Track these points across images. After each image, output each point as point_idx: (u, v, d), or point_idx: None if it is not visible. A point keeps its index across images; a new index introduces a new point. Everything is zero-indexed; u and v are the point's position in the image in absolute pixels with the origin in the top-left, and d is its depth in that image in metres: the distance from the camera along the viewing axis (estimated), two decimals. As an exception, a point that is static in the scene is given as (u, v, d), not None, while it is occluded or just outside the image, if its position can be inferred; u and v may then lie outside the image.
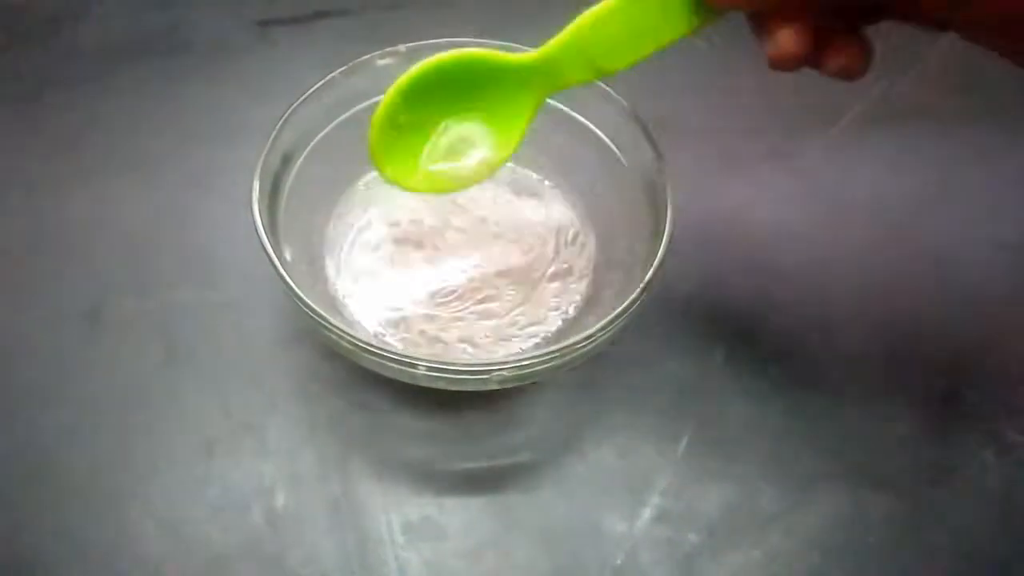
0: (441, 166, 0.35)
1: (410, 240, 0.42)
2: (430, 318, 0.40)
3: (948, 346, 0.43)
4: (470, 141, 0.35)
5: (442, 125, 0.35)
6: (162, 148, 0.49)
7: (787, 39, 0.29)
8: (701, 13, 0.30)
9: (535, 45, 0.40)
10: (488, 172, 0.36)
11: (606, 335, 0.33)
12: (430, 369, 0.33)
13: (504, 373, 0.33)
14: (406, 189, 0.35)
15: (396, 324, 0.40)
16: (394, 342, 0.39)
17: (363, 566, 0.36)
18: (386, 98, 0.34)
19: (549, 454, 0.39)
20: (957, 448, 0.40)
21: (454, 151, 0.35)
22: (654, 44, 0.31)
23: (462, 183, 0.36)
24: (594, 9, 0.31)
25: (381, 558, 0.36)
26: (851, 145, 0.50)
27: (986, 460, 0.40)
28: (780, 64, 0.30)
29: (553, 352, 0.33)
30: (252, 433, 0.39)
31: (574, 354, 0.33)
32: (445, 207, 0.43)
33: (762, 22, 0.30)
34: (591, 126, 0.41)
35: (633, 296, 0.33)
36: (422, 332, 0.40)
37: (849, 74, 0.30)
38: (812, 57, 0.30)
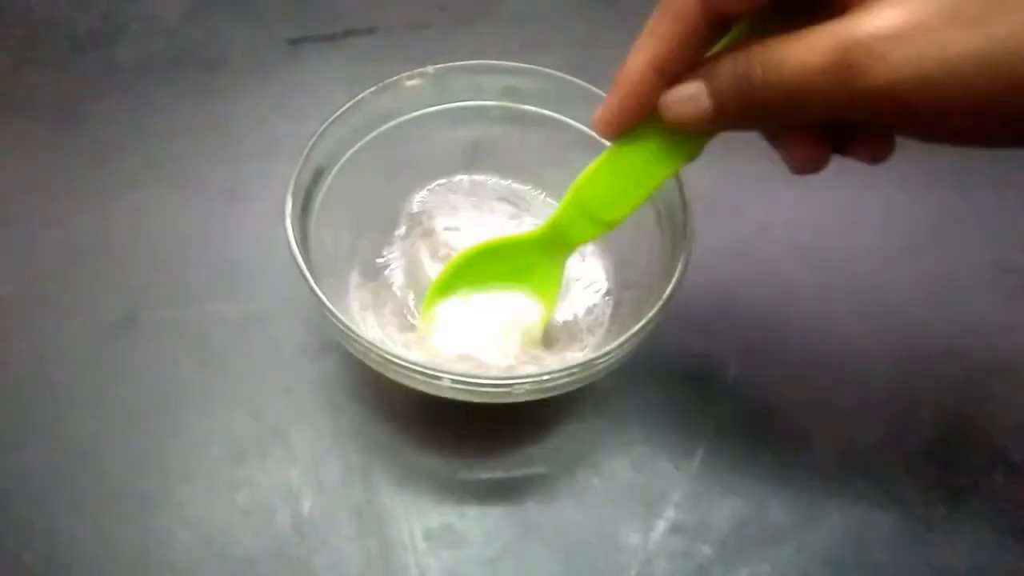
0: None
1: (436, 254, 0.44)
2: (452, 331, 0.41)
3: (958, 367, 0.44)
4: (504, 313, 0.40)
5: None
6: (196, 162, 0.51)
7: (801, 152, 0.30)
8: (685, 147, 0.32)
9: (560, 64, 0.42)
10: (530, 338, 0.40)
11: (625, 351, 0.35)
12: (454, 382, 0.34)
13: (526, 387, 0.34)
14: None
15: (419, 337, 0.41)
16: (418, 354, 0.40)
17: (385, 571, 0.37)
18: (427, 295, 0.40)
19: (566, 466, 0.40)
20: (965, 468, 0.41)
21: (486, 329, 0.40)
22: (647, 187, 0.33)
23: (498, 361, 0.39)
24: (584, 172, 0.34)
25: (403, 564, 0.37)
26: (864, 169, 0.51)
27: (994, 480, 0.41)
28: (802, 173, 0.31)
29: (574, 368, 0.34)
30: (280, 440, 0.40)
31: (594, 370, 0.35)
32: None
33: (774, 134, 0.31)
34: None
35: (652, 313, 0.34)
36: (445, 343, 0.41)
37: (875, 162, 0.31)
38: (836, 150, 0.30)
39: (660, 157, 0.32)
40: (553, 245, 0.38)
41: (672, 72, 0.30)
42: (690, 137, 0.32)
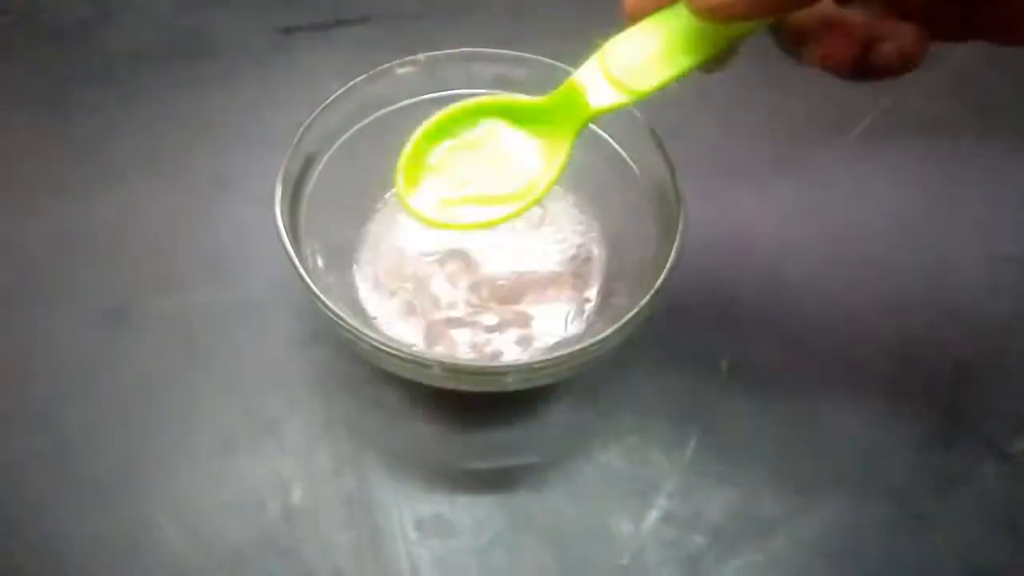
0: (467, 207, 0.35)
1: (426, 243, 0.43)
2: (445, 321, 0.41)
3: (951, 357, 0.44)
4: (501, 173, 0.35)
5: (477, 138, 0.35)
6: (187, 151, 0.50)
7: (833, 41, 0.28)
8: (724, 35, 0.30)
9: (552, 55, 0.42)
10: (521, 210, 0.34)
11: (616, 340, 0.34)
12: (444, 369, 0.34)
13: (517, 375, 0.34)
14: (428, 223, 0.35)
15: (411, 325, 0.41)
16: (410, 342, 0.40)
17: (376, 561, 0.37)
18: (414, 136, 0.35)
19: (558, 456, 0.40)
20: (959, 458, 0.41)
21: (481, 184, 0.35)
22: (679, 67, 0.30)
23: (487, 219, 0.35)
24: (620, 34, 0.31)
25: (393, 553, 0.37)
26: (859, 157, 0.51)
27: (987, 470, 0.40)
28: (828, 68, 0.29)
29: (565, 356, 0.33)
30: (270, 430, 0.40)
31: (585, 358, 0.34)
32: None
33: (800, 30, 0.29)
34: (604, 135, 0.42)
35: (644, 302, 0.34)
36: (439, 334, 0.41)
37: (907, 60, 0.28)
38: (863, 55, 0.28)
39: (695, 38, 0.29)
40: (566, 113, 0.33)
41: None
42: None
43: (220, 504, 0.38)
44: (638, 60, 0.31)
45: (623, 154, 0.41)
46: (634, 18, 0.31)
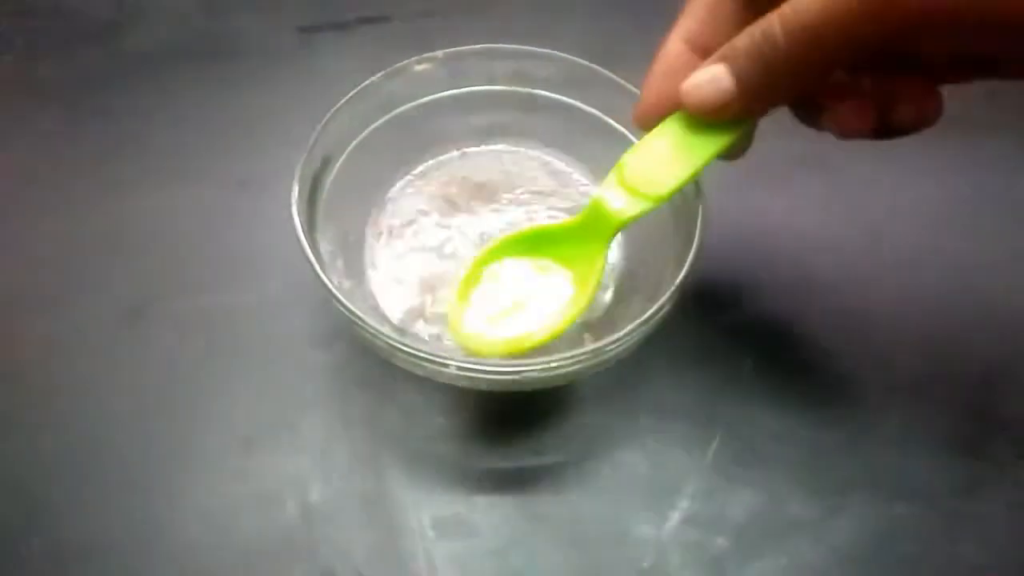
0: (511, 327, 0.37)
1: (443, 239, 0.43)
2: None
3: (982, 358, 0.43)
4: (540, 297, 0.38)
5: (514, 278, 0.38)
6: (206, 151, 0.50)
7: (848, 113, 0.29)
8: (732, 126, 0.31)
9: (572, 50, 0.41)
10: (563, 326, 0.36)
11: (635, 338, 0.34)
12: (461, 369, 0.33)
13: (534, 374, 0.34)
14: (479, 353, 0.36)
15: (429, 323, 0.40)
16: (431, 339, 0.40)
17: (393, 560, 0.37)
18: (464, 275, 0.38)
19: (578, 456, 0.40)
20: (989, 461, 0.40)
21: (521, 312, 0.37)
22: (693, 166, 0.32)
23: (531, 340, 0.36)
24: (629, 149, 0.34)
25: (411, 552, 0.37)
26: (887, 154, 0.50)
27: (1018, 473, 0.39)
28: (849, 135, 0.30)
29: (582, 354, 0.33)
30: (288, 429, 0.40)
31: (603, 357, 0.34)
32: (482, 212, 0.44)
33: (814, 103, 0.30)
34: (625, 131, 0.42)
35: (662, 300, 0.34)
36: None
37: (923, 122, 0.30)
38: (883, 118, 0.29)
39: (705, 135, 0.31)
40: (595, 229, 0.36)
41: (705, 48, 0.29)
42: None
43: (239, 502, 0.38)
44: (654, 168, 0.33)
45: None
46: (646, 127, 0.33)
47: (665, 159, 0.32)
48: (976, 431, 0.41)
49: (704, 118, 0.30)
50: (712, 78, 0.28)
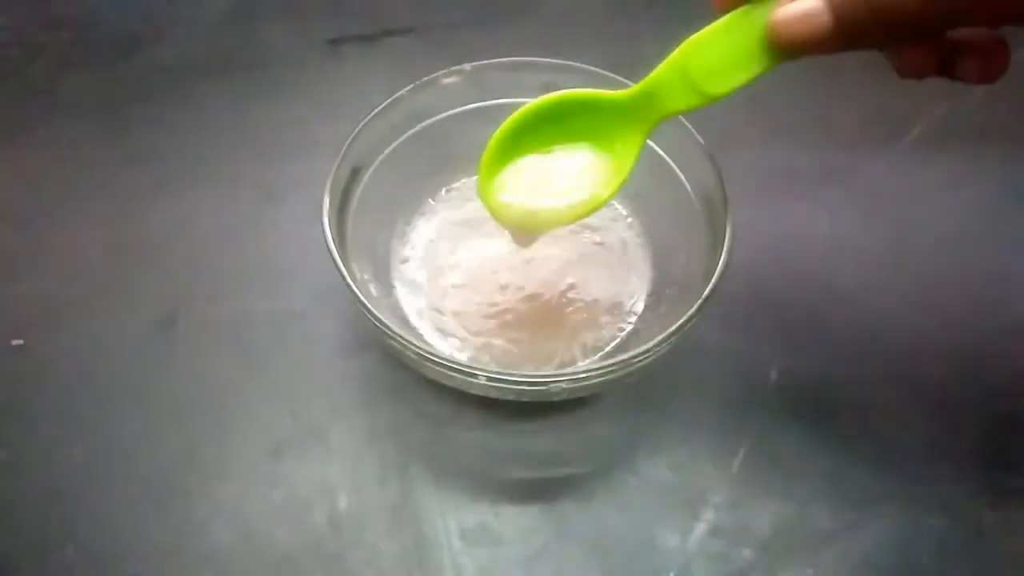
0: (540, 202, 0.35)
1: (473, 252, 0.43)
2: (490, 330, 0.41)
3: (1009, 368, 0.43)
4: (572, 175, 0.35)
5: (551, 151, 0.36)
6: (236, 162, 0.51)
7: (913, 58, 0.28)
8: None
9: (599, 63, 0.42)
10: (591, 206, 0.35)
11: (663, 349, 0.34)
12: (490, 379, 0.34)
13: (562, 385, 0.34)
14: (504, 221, 0.36)
15: (458, 334, 0.41)
16: (456, 351, 0.40)
17: (421, 569, 0.37)
18: (497, 133, 0.36)
19: (604, 466, 0.40)
20: (1016, 472, 0.40)
21: (551, 187, 0.35)
22: (757, 68, 0.30)
23: (558, 218, 0.35)
24: (693, 36, 0.31)
25: (438, 562, 0.37)
26: (913, 164, 0.50)
27: (1048, 485, 0.39)
28: (909, 76, 0.29)
29: (611, 366, 0.33)
30: (317, 437, 0.41)
31: (631, 368, 0.34)
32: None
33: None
34: (650, 143, 0.42)
35: (691, 311, 0.34)
36: (486, 344, 0.41)
37: (985, 78, 0.28)
38: (946, 65, 0.28)
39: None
40: (640, 111, 0.33)
41: None
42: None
43: (268, 509, 0.39)
44: (717, 62, 0.30)
45: (670, 162, 0.41)
46: (725, 8, 0.30)
47: (729, 55, 0.30)
48: (1003, 442, 0.40)
49: (781, 52, 0.28)
50: (807, 12, 0.26)
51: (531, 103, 0.35)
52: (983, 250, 0.47)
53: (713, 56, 0.30)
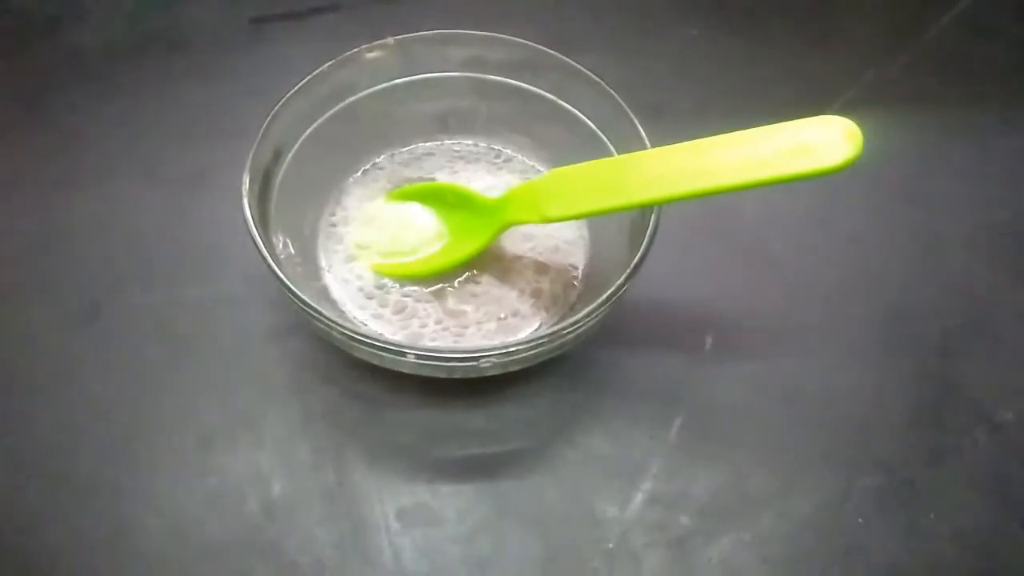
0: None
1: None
2: (422, 312, 0.40)
3: (940, 328, 0.43)
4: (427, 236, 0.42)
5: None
6: (161, 146, 0.50)
7: None
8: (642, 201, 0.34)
9: (522, 35, 0.41)
10: (437, 266, 0.41)
11: (592, 321, 0.34)
12: (419, 357, 0.33)
13: (492, 359, 0.34)
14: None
15: (384, 314, 0.40)
16: (385, 331, 0.40)
17: (358, 552, 0.37)
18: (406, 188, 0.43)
19: (541, 441, 0.40)
20: (949, 429, 0.40)
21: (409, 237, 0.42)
22: (596, 209, 0.35)
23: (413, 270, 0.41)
24: (566, 167, 0.36)
25: (376, 544, 0.37)
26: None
27: (978, 440, 0.40)
28: None
29: (541, 339, 0.33)
30: (248, 425, 0.40)
31: (562, 340, 0.34)
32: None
33: None
34: (583, 117, 0.41)
35: (619, 282, 0.34)
36: (422, 325, 0.40)
37: None
38: None
39: (625, 193, 0.34)
40: (494, 214, 0.39)
41: None
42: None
43: (200, 499, 0.38)
44: (559, 195, 0.36)
45: (602, 136, 0.41)
46: None
47: (580, 192, 0.35)
48: (936, 400, 0.41)
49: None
50: None
51: (407, 186, 0.44)
52: (913, 212, 0.48)
53: (558, 189, 0.36)
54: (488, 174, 0.45)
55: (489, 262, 0.42)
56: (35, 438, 0.39)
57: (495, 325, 0.40)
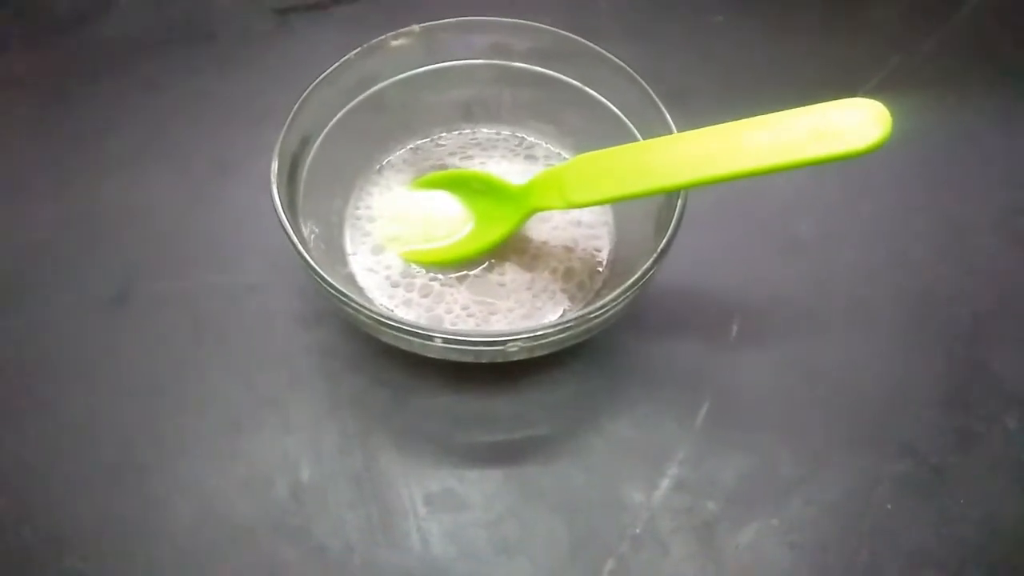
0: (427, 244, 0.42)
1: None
2: (449, 296, 0.40)
3: (968, 313, 0.43)
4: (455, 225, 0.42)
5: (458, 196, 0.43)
6: (187, 136, 0.50)
7: None
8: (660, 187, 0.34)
9: (547, 22, 0.41)
10: (464, 253, 0.41)
11: (620, 305, 0.34)
12: (446, 341, 0.33)
13: (519, 343, 0.34)
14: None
15: (411, 299, 0.40)
16: (411, 317, 0.40)
17: (386, 536, 0.37)
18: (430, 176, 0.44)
19: (567, 427, 0.40)
20: (977, 415, 0.40)
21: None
22: (621, 194, 0.35)
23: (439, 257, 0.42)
24: (591, 152, 0.36)
25: (404, 529, 0.37)
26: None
27: (1007, 426, 0.40)
28: None
29: (568, 323, 0.33)
30: (276, 410, 0.40)
31: (588, 324, 0.34)
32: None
33: None
34: (608, 104, 0.41)
35: (646, 266, 0.34)
36: (448, 311, 0.40)
37: None
38: None
39: (651, 177, 0.34)
40: (520, 200, 0.39)
41: None
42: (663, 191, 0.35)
43: (229, 483, 0.38)
44: (587, 180, 0.36)
45: (627, 121, 0.40)
46: None
47: (606, 176, 0.35)
48: (964, 384, 0.41)
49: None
50: None
51: (454, 171, 0.44)
52: (942, 195, 0.47)
53: (584, 175, 0.36)
54: (513, 162, 0.45)
55: (514, 249, 0.42)
56: (65, 423, 0.40)
57: (521, 311, 0.40)
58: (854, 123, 0.30)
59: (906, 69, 0.52)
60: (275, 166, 0.36)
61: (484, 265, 0.41)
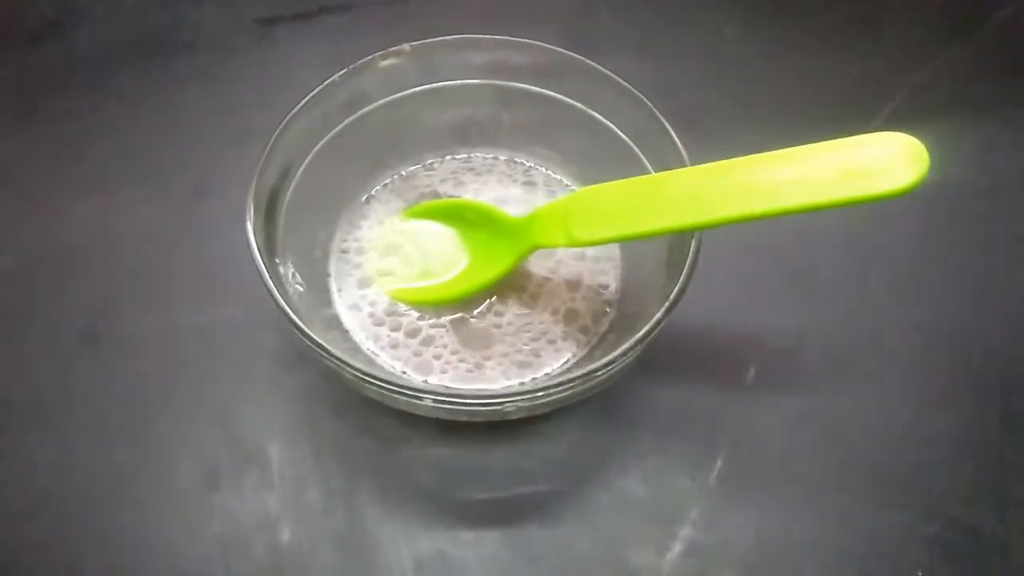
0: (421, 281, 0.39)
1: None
2: (439, 339, 0.37)
3: (1004, 360, 0.40)
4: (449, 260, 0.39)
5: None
6: (164, 154, 0.47)
7: None
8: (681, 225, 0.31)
9: (543, 39, 0.38)
10: (457, 292, 0.38)
11: (627, 361, 0.31)
12: (437, 401, 0.30)
13: (518, 403, 0.31)
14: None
15: (398, 342, 0.37)
16: (398, 363, 0.37)
17: (372, 607, 0.34)
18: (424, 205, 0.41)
19: (571, 483, 0.37)
20: (1016, 473, 0.37)
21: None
22: (628, 233, 0.32)
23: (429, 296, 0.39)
24: (594, 185, 0.34)
25: (392, 598, 0.34)
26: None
27: (1038, 483, 0.37)
28: None
29: (570, 382, 0.30)
30: (255, 462, 0.37)
31: (593, 382, 0.31)
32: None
33: None
34: (614, 128, 0.38)
35: (656, 318, 0.30)
36: (436, 356, 0.37)
37: None
38: None
39: (665, 216, 0.31)
40: (519, 235, 0.36)
41: None
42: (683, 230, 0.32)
43: (203, 545, 0.35)
44: (592, 217, 0.33)
45: (634, 147, 0.37)
46: None
47: (612, 213, 0.32)
48: (1001, 438, 0.38)
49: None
50: None
51: (448, 200, 0.41)
52: (972, 231, 0.44)
53: (594, 207, 0.33)
54: (509, 188, 0.42)
55: (512, 286, 0.39)
56: (28, 477, 0.37)
57: (518, 357, 0.37)
58: (886, 160, 0.27)
59: (931, 88, 0.49)
60: (251, 206, 0.33)
61: (479, 306, 0.38)
